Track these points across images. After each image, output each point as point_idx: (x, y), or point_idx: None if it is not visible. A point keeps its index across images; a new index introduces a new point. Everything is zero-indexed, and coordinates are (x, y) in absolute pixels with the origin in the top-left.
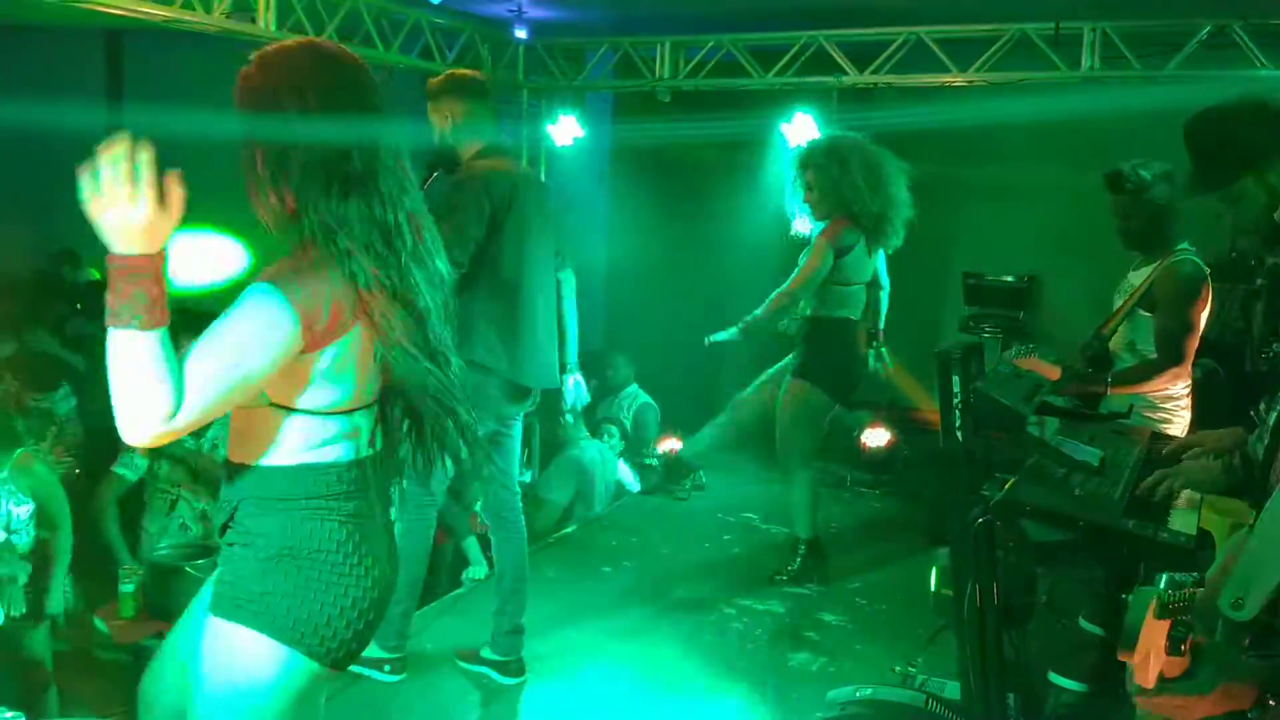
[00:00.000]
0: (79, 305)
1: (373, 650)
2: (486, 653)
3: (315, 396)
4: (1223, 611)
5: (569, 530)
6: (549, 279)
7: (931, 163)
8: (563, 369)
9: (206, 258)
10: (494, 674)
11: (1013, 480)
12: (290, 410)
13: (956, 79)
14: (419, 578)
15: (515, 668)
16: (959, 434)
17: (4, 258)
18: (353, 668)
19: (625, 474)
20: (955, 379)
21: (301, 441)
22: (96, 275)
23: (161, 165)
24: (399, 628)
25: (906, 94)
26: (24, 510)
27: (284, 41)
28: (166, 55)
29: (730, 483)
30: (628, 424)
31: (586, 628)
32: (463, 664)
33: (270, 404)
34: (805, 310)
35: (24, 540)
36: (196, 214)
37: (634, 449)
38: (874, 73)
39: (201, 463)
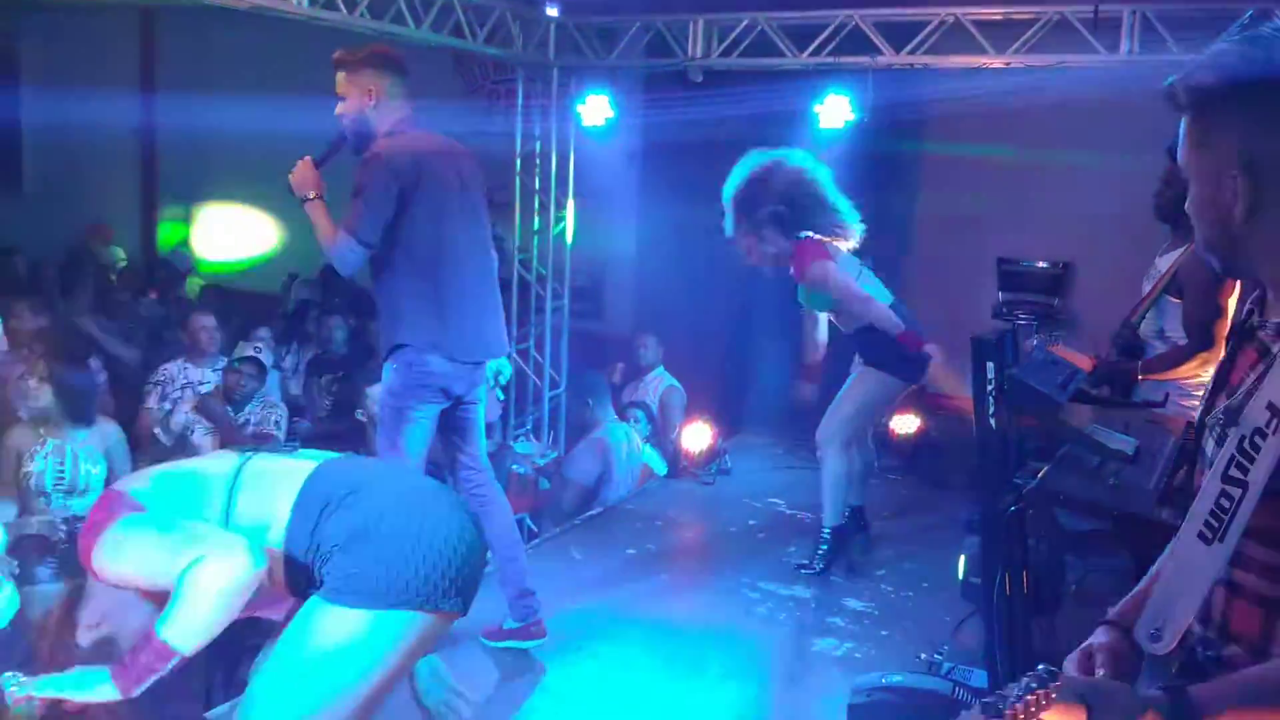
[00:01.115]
0: (112, 279)
1: (509, 623)
2: (508, 623)
3: None
4: (1139, 642)
5: (594, 512)
6: (478, 251)
7: (966, 145)
8: None
9: (237, 235)
10: (517, 643)
11: (1046, 468)
12: None
13: (994, 61)
14: None
15: (535, 629)
16: (992, 421)
17: (38, 234)
18: (500, 643)
19: (651, 458)
20: (990, 365)
21: None
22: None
23: (194, 145)
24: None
25: (942, 75)
26: (97, 470)
27: None
28: (198, 34)
29: (756, 468)
30: (654, 407)
31: (609, 609)
32: (488, 642)
33: None
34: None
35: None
36: (227, 193)
37: (660, 432)
38: (910, 53)
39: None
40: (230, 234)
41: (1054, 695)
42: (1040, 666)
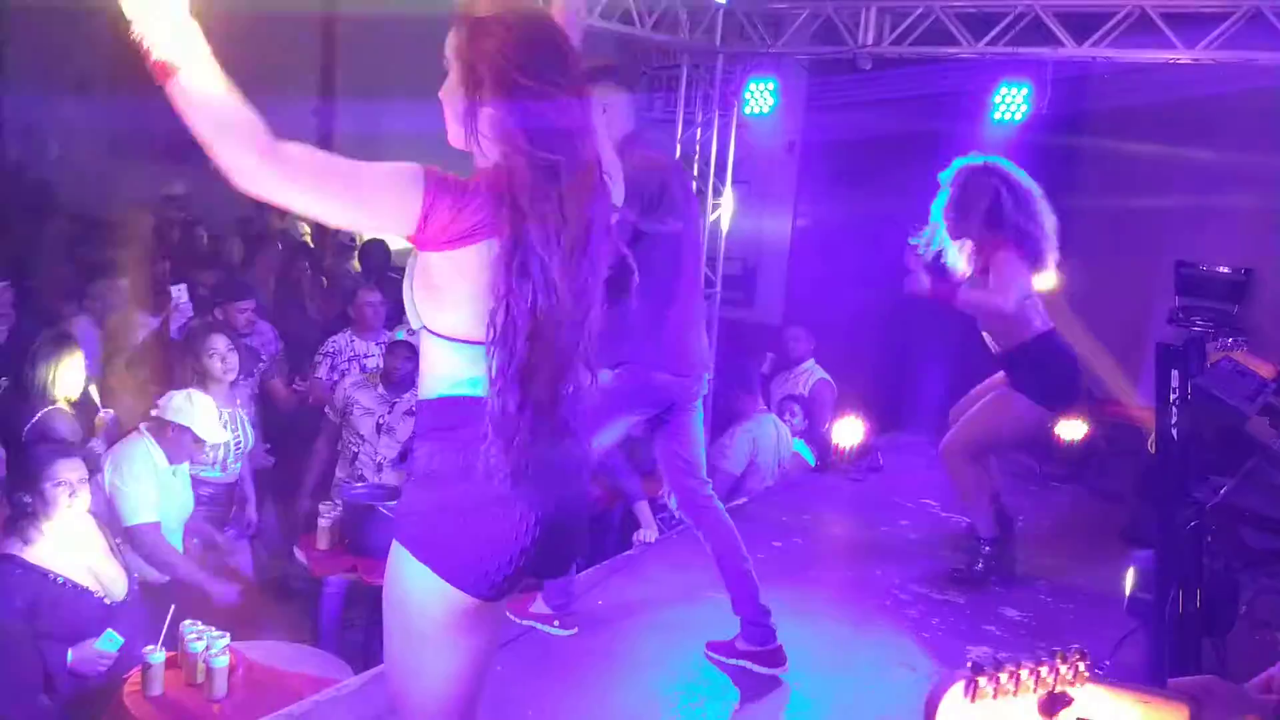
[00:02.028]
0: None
1: (540, 605)
2: (741, 644)
3: (445, 319)
4: None
5: (739, 502)
6: (697, 267)
7: (1146, 142)
8: None
9: None
10: (753, 665)
11: (1230, 483)
12: (432, 334)
13: (1181, 56)
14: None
15: (774, 658)
16: (1174, 432)
17: (221, 208)
18: (524, 620)
19: (801, 450)
20: (1175, 373)
21: (450, 368)
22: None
23: (367, 132)
24: (564, 585)
25: (1123, 68)
26: (252, 437)
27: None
28: (377, 43)
29: (909, 466)
30: (804, 399)
31: None
32: (714, 654)
33: (422, 326)
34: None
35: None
36: None
37: (810, 426)
38: (1093, 45)
39: (390, 420)
40: None
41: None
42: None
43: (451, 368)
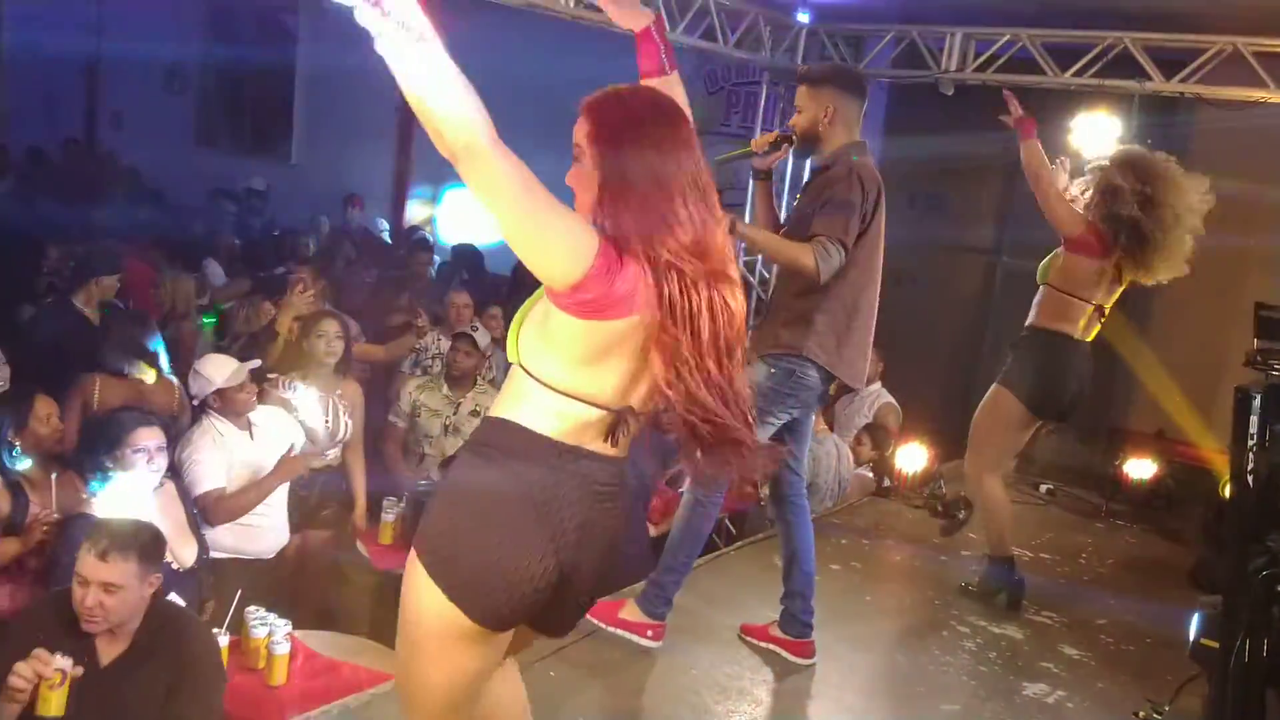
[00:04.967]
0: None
1: (636, 614)
2: (776, 631)
3: (551, 372)
4: None
5: None
6: (878, 282)
7: (1228, 180)
8: None
9: (477, 218)
10: (784, 652)
11: None
12: (529, 376)
13: (1272, 95)
14: (695, 551)
15: (807, 650)
16: (1250, 477)
17: (302, 203)
18: (611, 627)
19: (863, 472)
20: (1253, 419)
21: (533, 408)
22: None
23: None
24: (668, 594)
25: (1210, 106)
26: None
27: None
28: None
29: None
30: (868, 422)
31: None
32: (750, 640)
33: (520, 365)
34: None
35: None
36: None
37: (875, 450)
38: (1181, 81)
39: (456, 420)
40: (470, 216)
41: None
42: None
43: (536, 406)
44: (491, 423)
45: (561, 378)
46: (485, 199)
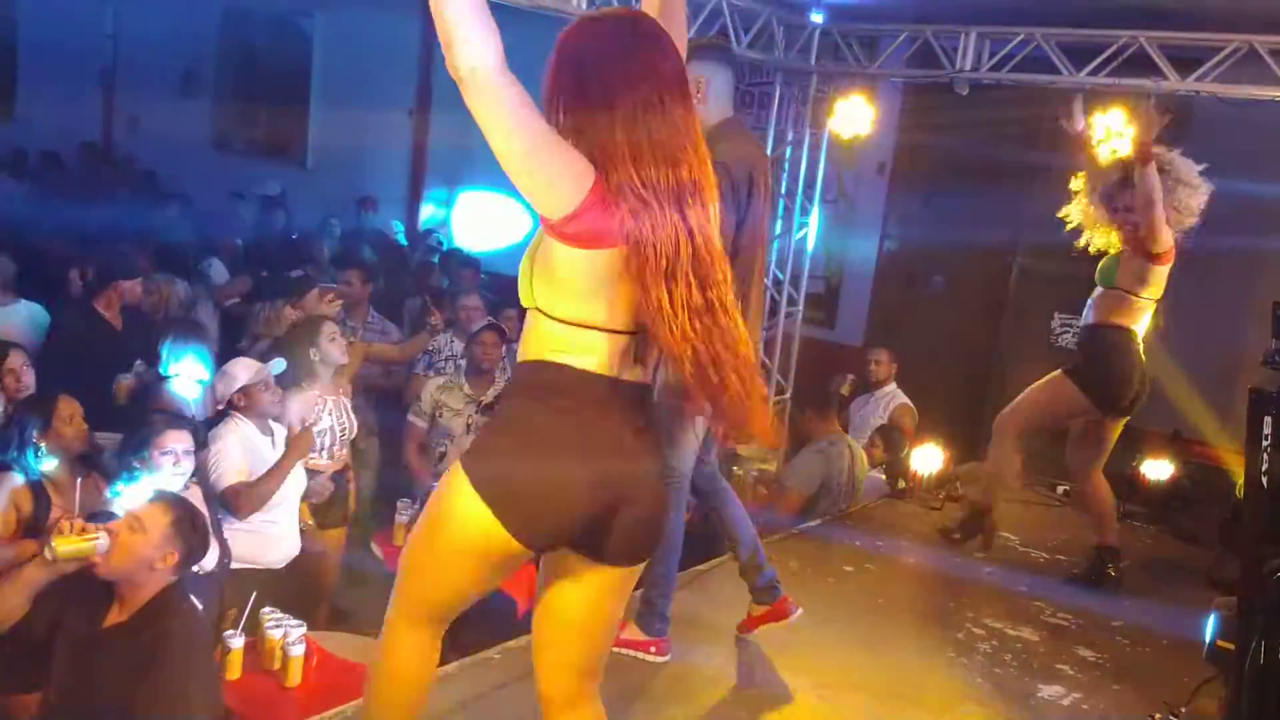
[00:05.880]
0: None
1: (637, 634)
2: (755, 610)
3: (562, 307)
4: None
5: (813, 523)
6: (762, 263)
7: (1243, 180)
8: None
9: (491, 221)
10: (775, 624)
11: None
12: (545, 316)
13: None
14: (674, 561)
15: (786, 606)
16: (1264, 478)
17: (317, 205)
18: (622, 651)
19: (876, 475)
20: (1268, 420)
21: (558, 345)
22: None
23: (461, 131)
24: (660, 610)
25: (1225, 104)
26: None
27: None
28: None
29: None
30: (883, 423)
31: (823, 629)
32: (744, 635)
33: (535, 307)
34: (1088, 317)
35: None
36: (487, 181)
37: (889, 451)
38: (1196, 80)
39: (478, 419)
40: (485, 220)
41: None
42: None
43: (561, 343)
44: (525, 367)
45: (574, 311)
46: (485, 125)
